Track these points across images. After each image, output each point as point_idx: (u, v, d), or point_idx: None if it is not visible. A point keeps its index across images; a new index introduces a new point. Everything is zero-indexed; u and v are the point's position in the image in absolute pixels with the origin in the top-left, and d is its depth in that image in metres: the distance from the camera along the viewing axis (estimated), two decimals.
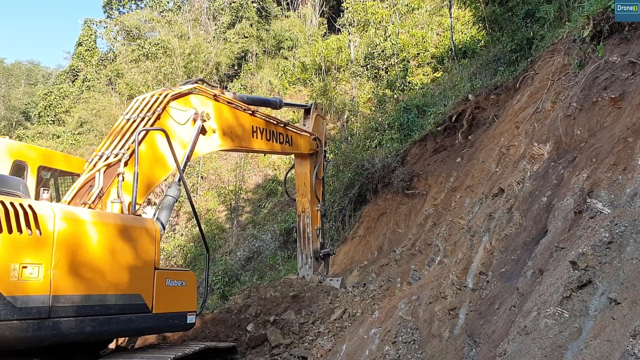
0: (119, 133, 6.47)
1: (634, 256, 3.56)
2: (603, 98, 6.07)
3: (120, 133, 6.47)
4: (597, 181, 4.58)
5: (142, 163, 6.31)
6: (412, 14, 25.76)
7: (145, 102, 6.82)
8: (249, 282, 16.60)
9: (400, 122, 15.50)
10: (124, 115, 6.73)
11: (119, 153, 6.18)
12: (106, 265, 5.61)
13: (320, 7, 32.89)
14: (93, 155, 6.43)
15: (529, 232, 5.81)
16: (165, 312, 6.36)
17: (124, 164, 6.08)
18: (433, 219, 10.59)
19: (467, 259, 6.40)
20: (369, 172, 13.94)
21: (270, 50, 32.17)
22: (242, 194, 22.97)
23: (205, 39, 31.21)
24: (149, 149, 6.55)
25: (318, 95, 24.81)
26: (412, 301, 6.78)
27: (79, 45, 38.26)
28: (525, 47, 11.78)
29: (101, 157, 6.29)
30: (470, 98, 11.90)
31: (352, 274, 12.20)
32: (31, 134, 34.53)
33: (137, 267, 6.02)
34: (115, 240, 5.77)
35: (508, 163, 8.15)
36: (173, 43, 29.60)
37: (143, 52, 30.38)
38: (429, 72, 21.64)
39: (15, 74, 53.45)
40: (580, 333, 3.48)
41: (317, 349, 7.72)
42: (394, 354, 6.09)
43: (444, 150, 12.48)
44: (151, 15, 33.54)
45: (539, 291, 4.14)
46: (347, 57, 26.57)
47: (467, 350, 5.18)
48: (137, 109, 6.76)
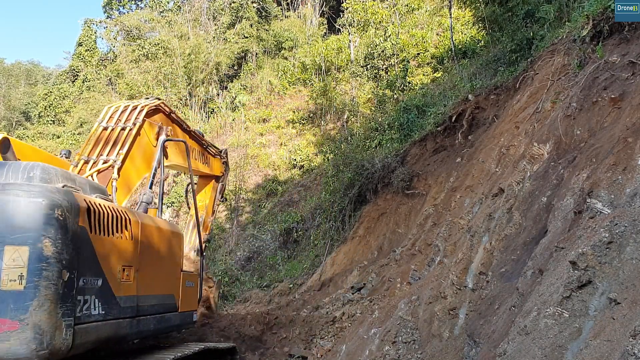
0: (101, 140, 6.61)
1: (633, 256, 3.56)
2: (603, 98, 6.06)
3: (102, 140, 6.61)
4: (597, 181, 4.58)
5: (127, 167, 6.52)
6: (412, 14, 25.76)
7: (121, 112, 6.98)
8: (249, 283, 16.60)
9: (400, 122, 15.50)
10: (99, 123, 6.86)
11: (108, 160, 6.39)
12: (161, 268, 6.26)
13: (320, 7, 32.89)
14: (77, 159, 6.54)
15: (529, 232, 5.81)
16: (185, 310, 7.04)
17: (117, 171, 6.28)
18: (433, 219, 10.58)
19: (467, 259, 6.40)
20: (369, 172, 13.94)
21: (270, 51, 32.17)
22: (242, 194, 22.96)
23: (205, 39, 31.20)
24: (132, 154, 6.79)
25: (318, 95, 24.83)
26: (412, 301, 6.78)
27: (79, 46, 38.25)
28: (525, 47, 11.78)
29: (87, 162, 6.42)
30: (470, 98, 11.89)
31: (352, 274, 12.20)
32: (31, 134, 34.54)
33: (173, 269, 6.71)
34: (167, 244, 6.40)
35: (508, 163, 8.14)
36: (173, 43, 29.60)
37: (143, 52, 30.38)
38: (429, 72, 21.64)
39: (15, 74, 53.43)
40: (580, 333, 3.48)
41: (317, 349, 7.72)
42: (394, 354, 6.09)
43: (444, 150, 12.47)
44: (151, 15, 33.53)
45: (539, 291, 4.14)
46: (347, 57, 26.58)
47: (467, 350, 5.18)
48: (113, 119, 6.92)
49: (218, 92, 31.21)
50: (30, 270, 4.19)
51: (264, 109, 27.95)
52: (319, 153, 21.82)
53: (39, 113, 37.68)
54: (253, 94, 29.55)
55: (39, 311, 4.14)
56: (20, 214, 4.29)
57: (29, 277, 4.17)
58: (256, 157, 24.75)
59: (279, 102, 28.17)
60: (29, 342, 4.08)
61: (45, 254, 4.26)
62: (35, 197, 4.36)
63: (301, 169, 22.92)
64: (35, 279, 4.17)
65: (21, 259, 4.21)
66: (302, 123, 25.75)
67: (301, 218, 18.22)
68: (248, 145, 25.41)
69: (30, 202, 4.32)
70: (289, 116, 26.42)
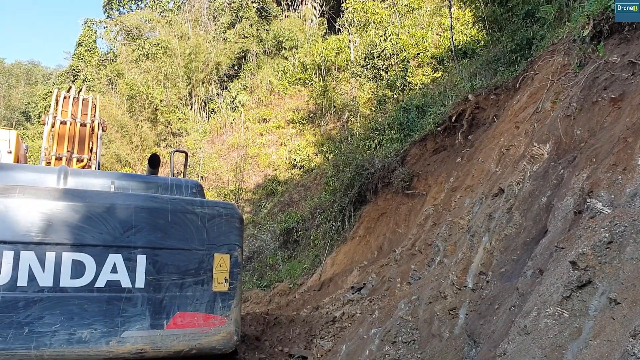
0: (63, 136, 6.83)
1: (634, 256, 3.55)
2: (603, 98, 6.06)
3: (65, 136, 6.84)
4: (597, 181, 4.58)
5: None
6: (412, 14, 25.75)
7: (72, 104, 7.20)
8: (249, 283, 16.59)
9: (400, 122, 15.49)
10: (52, 115, 7.03)
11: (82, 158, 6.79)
12: None
13: (320, 7, 32.89)
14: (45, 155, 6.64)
15: (529, 232, 5.81)
16: None
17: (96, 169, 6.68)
18: (433, 219, 10.58)
19: (467, 259, 6.40)
20: (369, 172, 13.93)
21: (270, 51, 32.17)
22: (242, 194, 22.96)
23: (205, 39, 31.21)
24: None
25: (318, 95, 24.82)
26: (412, 301, 6.78)
27: (79, 46, 38.20)
28: (525, 47, 11.78)
29: (59, 158, 6.56)
30: (470, 98, 11.89)
31: (352, 274, 12.20)
32: (31, 134, 34.53)
33: None
34: None
35: (508, 163, 8.14)
36: (173, 43, 29.61)
37: (143, 52, 30.38)
38: (429, 72, 21.63)
39: (15, 74, 53.46)
40: (580, 333, 3.48)
41: (317, 349, 7.72)
42: (394, 354, 6.09)
43: (444, 150, 12.47)
44: (151, 15, 33.54)
45: (539, 291, 4.14)
46: (347, 57, 26.58)
47: (467, 350, 5.18)
48: (66, 112, 7.13)
49: (218, 92, 31.22)
50: (231, 274, 5.15)
51: (264, 109, 27.95)
52: (319, 153, 21.82)
53: (39, 113, 37.65)
54: (253, 94, 29.54)
55: (237, 309, 5.10)
56: (223, 227, 5.17)
57: (231, 280, 5.14)
58: (256, 157, 24.76)
59: (279, 102, 28.17)
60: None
61: (239, 261, 5.27)
62: (232, 212, 5.33)
63: (301, 169, 22.92)
64: (234, 282, 5.16)
65: (225, 265, 5.08)
66: (302, 123, 25.75)
67: (301, 218, 18.22)
68: (248, 145, 25.42)
69: (229, 217, 5.22)
70: (289, 116, 26.42)
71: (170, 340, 4.73)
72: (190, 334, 4.78)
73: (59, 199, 4.56)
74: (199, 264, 4.94)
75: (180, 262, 4.88)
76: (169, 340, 4.72)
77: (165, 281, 4.78)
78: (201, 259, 4.96)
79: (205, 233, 5.02)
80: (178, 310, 4.77)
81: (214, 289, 4.93)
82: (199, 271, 4.93)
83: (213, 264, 4.96)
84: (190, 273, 4.90)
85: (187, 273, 4.89)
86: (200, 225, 5.00)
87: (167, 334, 4.72)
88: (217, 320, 4.89)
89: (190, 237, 4.95)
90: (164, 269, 4.81)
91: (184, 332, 4.75)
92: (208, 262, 4.98)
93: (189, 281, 4.87)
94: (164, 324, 4.72)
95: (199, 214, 5.05)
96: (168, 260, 4.84)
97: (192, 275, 4.90)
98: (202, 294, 4.90)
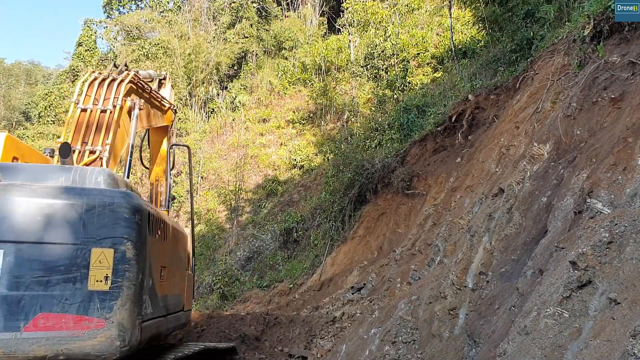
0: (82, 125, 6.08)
1: (634, 256, 3.55)
2: (603, 98, 6.06)
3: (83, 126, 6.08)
4: (597, 181, 4.58)
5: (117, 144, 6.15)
6: (412, 14, 25.74)
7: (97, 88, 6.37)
8: (249, 283, 16.60)
9: (400, 122, 15.50)
10: (73, 103, 6.23)
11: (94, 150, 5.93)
12: (177, 268, 6.46)
13: (320, 7, 32.88)
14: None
15: (529, 232, 5.81)
16: (188, 309, 7.29)
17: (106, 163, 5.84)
18: (433, 219, 10.58)
19: (467, 259, 6.40)
20: (369, 172, 13.94)
21: (271, 51, 32.16)
22: (242, 194, 22.96)
23: (205, 39, 31.20)
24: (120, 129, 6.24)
25: (318, 95, 24.82)
26: (412, 301, 6.78)
27: (79, 46, 38.19)
28: (525, 47, 11.78)
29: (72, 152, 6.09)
30: (470, 98, 11.89)
31: (352, 274, 12.20)
32: (31, 134, 34.52)
33: (183, 269, 6.92)
34: (181, 244, 6.65)
35: (508, 163, 8.14)
36: (173, 43, 29.60)
37: (143, 52, 30.35)
38: (429, 72, 21.62)
39: (15, 74, 53.45)
40: (580, 333, 3.48)
41: (317, 349, 7.72)
42: (394, 354, 6.09)
43: (444, 150, 12.47)
44: (151, 15, 33.52)
45: (539, 291, 4.13)
46: (347, 57, 26.57)
47: (467, 350, 5.18)
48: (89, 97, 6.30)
49: (218, 92, 31.22)
50: (115, 271, 4.49)
51: (264, 109, 27.95)
52: (319, 153, 21.82)
53: (39, 113, 37.64)
54: (253, 94, 29.54)
55: (124, 310, 4.46)
56: (106, 219, 4.53)
57: (115, 278, 4.48)
58: (256, 157, 24.76)
59: (279, 102, 28.17)
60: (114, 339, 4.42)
61: (129, 256, 4.56)
62: (120, 201, 4.61)
63: (301, 169, 22.93)
64: (120, 280, 4.49)
65: (107, 261, 4.48)
66: (302, 123, 25.76)
67: (301, 218, 18.22)
68: (248, 145, 25.42)
69: (115, 207, 4.57)
70: (289, 116, 26.42)
71: (29, 344, 4.23)
72: (54, 338, 4.28)
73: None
74: (71, 260, 4.41)
75: (46, 258, 4.38)
76: (26, 345, 4.22)
77: (25, 278, 4.31)
78: (74, 254, 4.42)
79: (82, 225, 4.48)
80: (41, 311, 4.29)
81: (90, 288, 4.37)
82: (71, 268, 4.39)
83: (90, 260, 4.43)
84: (59, 270, 4.37)
85: (54, 270, 4.36)
86: (74, 217, 4.48)
87: (25, 337, 4.24)
88: (92, 323, 4.34)
89: (60, 230, 4.45)
90: (25, 265, 4.33)
91: (46, 336, 4.27)
92: (83, 257, 4.43)
93: (57, 279, 4.35)
94: (21, 326, 4.25)
95: (74, 204, 4.51)
96: (31, 255, 4.36)
97: (61, 272, 4.37)
98: (74, 293, 4.36)
